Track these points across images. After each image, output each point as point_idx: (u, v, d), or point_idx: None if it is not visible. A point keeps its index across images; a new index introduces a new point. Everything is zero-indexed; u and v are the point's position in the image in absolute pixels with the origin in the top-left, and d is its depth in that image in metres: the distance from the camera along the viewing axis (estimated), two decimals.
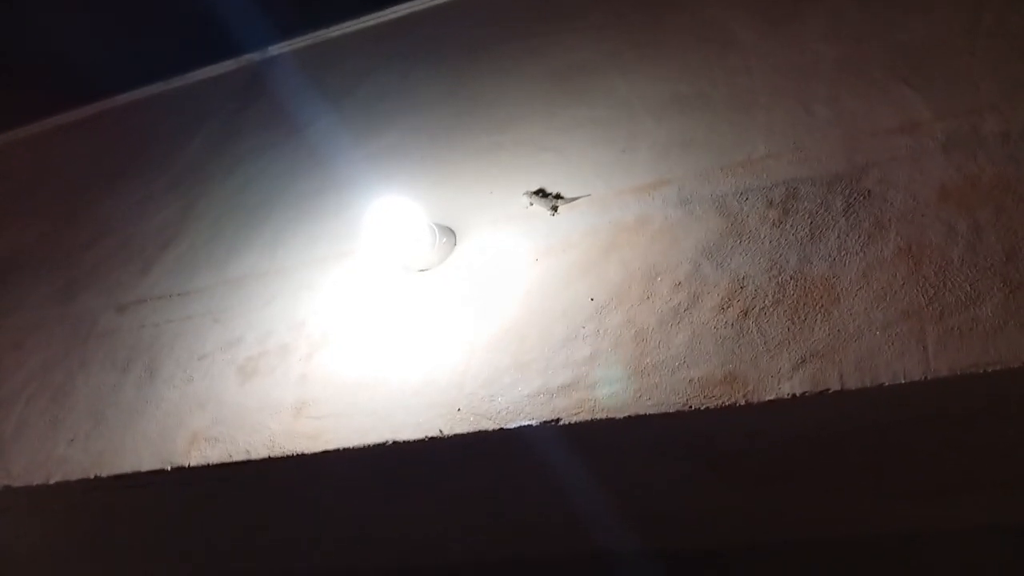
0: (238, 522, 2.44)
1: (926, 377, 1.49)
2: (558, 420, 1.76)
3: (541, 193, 2.28)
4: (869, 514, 1.97)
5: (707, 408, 1.63)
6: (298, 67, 3.65)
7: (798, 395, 1.56)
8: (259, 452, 2.03)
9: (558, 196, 2.25)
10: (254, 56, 3.86)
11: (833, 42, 2.25)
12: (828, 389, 1.55)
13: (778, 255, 1.82)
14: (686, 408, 1.65)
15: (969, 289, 1.58)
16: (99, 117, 4.20)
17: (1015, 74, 1.91)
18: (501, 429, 1.80)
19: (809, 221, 1.85)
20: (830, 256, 1.76)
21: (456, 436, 1.84)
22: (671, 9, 2.68)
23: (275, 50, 3.82)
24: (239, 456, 2.05)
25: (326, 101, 3.26)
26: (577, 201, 2.22)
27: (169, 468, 2.13)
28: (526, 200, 2.28)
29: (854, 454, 1.76)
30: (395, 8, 3.52)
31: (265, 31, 3.83)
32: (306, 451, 1.97)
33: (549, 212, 2.22)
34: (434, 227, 2.26)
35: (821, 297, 1.70)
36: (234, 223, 2.86)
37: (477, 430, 1.83)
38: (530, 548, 2.32)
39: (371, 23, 3.56)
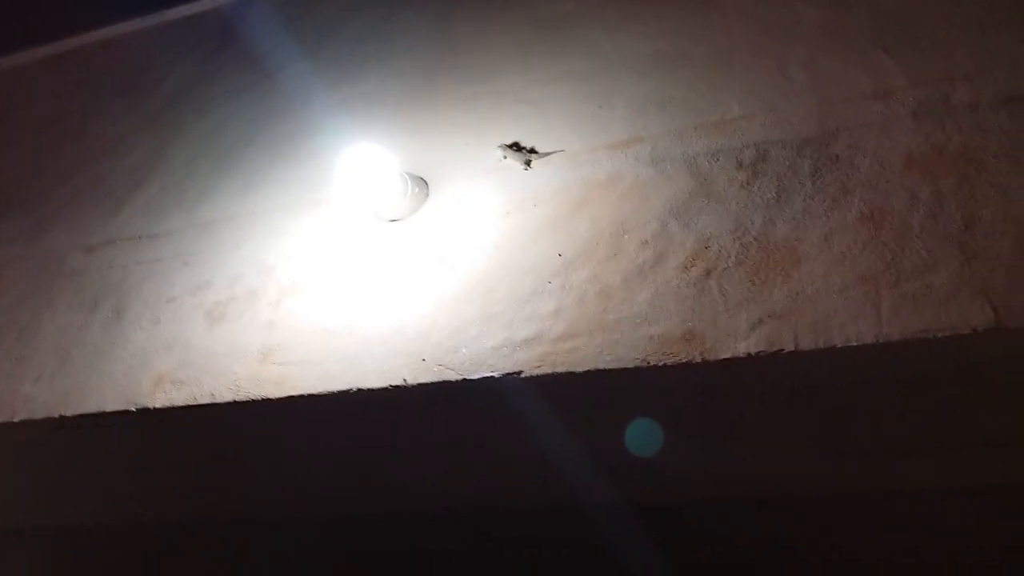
0: (201, 465, 2.46)
1: (878, 340, 1.52)
2: (520, 372, 1.78)
3: (515, 147, 2.27)
4: (825, 473, 2.02)
5: (665, 365, 1.66)
6: (278, 7, 3.56)
7: (753, 354, 1.59)
8: (224, 396, 2.04)
9: (532, 151, 2.25)
10: None
11: (817, 4, 2.24)
12: (782, 349, 1.58)
13: (744, 216, 1.84)
14: (644, 364, 1.68)
15: (926, 256, 1.60)
16: (73, 53, 4.10)
17: (991, 44, 1.92)
18: (464, 380, 1.82)
19: (776, 184, 1.86)
20: (794, 219, 1.78)
21: (420, 385, 1.86)
22: None
23: None
24: (204, 399, 2.06)
25: (304, 43, 3.20)
26: (550, 156, 2.21)
27: (134, 409, 2.14)
28: (500, 153, 2.27)
29: (809, 413, 1.80)
30: None
31: None
32: (271, 396, 1.99)
33: (522, 166, 2.22)
34: (407, 177, 2.25)
35: (783, 259, 1.72)
36: (206, 165, 2.83)
37: (441, 380, 1.85)
38: (495, 498, 2.36)
39: None
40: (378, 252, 2.20)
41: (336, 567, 2.67)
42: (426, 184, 2.32)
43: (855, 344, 1.54)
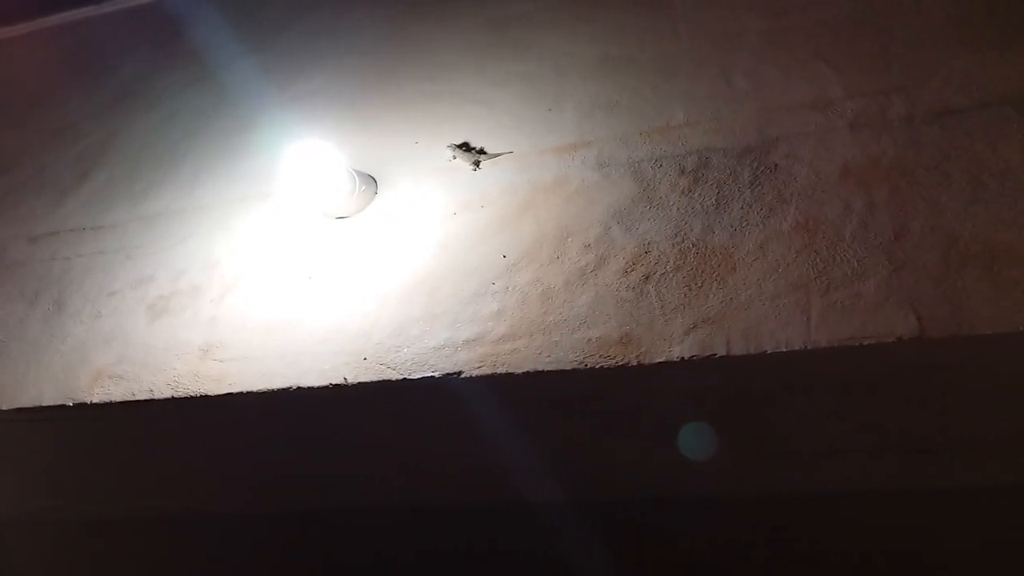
0: (141, 460, 2.43)
1: (806, 347, 1.56)
2: (460, 373, 1.79)
3: (465, 147, 2.28)
4: (758, 474, 2.06)
5: (601, 367, 1.68)
6: (234, 0, 3.53)
7: (686, 358, 1.62)
8: (162, 392, 2.02)
9: (481, 151, 2.26)
10: None
11: (762, 14, 2.27)
12: (715, 354, 1.61)
13: (684, 223, 1.86)
14: (582, 366, 1.70)
15: (856, 265, 1.64)
16: (23, 38, 4.02)
17: (926, 58, 1.97)
18: (404, 380, 1.83)
19: (716, 191, 1.89)
20: (732, 226, 1.81)
21: (360, 384, 1.86)
22: None
23: None
24: (142, 395, 2.04)
25: (259, 36, 3.17)
26: (499, 158, 2.22)
27: (71, 404, 2.10)
28: (449, 153, 2.28)
29: (742, 417, 1.83)
30: None
31: None
32: (209, 393, 1.97)
33: (471, 167, 2.22)
34: (354, 174, 2.25)
35: (719, 266, 1.75)
36: (154, 157, 2.79)
37: (381, 379, 1.85)
38: (437, 498, 2.37)
39: None
40: (324, 249, 2.19)
41: (277, 564, 2.65)
42: (375, 182, 2.31)
43: (784, 350, 1.57)
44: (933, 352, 1.52)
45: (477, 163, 2.23)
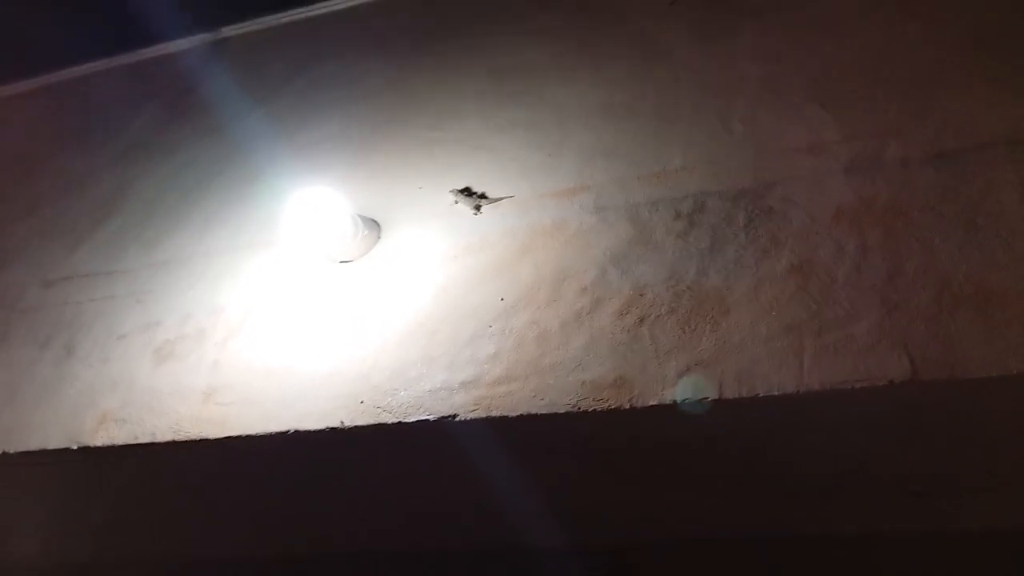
0: (145, 505, 2.44)
1: (799, 390, 1.55)
2: (455, 416, 1.80)
3: (467, 192, 2.32)
4: (752, 516, 2.02)
5: (595, 410, 1.68)
6: (248, 50, 3.64)
7: (679, 402, 1.61)
8: (164, 435, 2.04)
9: (483, 196, 2.29)
10: (206, 36, 3.84)
11: (759, 61, 2.30)
12: (707, 397, 1.60)
13: (679, 265, 1.87)
14: (575, 409, 1.70)
15: (849, 307, 1.64)
16: (46, 90, 4.16)
17: (921, 101, 1.98)
18: (400, 423, 1.84)
19: (711, 234, 1.91)
20: (726, 269, 1.81)
21: (356, 428, 1.87)
22: (613, 20, 2.72)
23: (228, 31, 3.80)
24: (144, 438, 2.06)
25: (271, 87, 3.26)
26: (500, 202, 2.25)
27: (75, 447, 2.13)
28: (452, 198, 2.31)
29: (735, 460, 1.82)
30: None
31: (219, 12, 3.82)
32: (210, 436, 1.99)
33: (472, 211, 2.26)
34: (358, 219, 2.28)
35: (712, 308, 1.75)
36: (167, 205, 2.86)
37: (377, 423, 1.86)
38: (433, 541, 2.35)
39: (322, 11, 3.57)
40: (326, 293, 2.23)
41: None
42: (378, 226, 2.35)
43: (776, 393, 1.56)
44: (926, 395, 1.50)
45: (478, 207, 2.26)
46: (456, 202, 2.31)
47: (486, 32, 2.96)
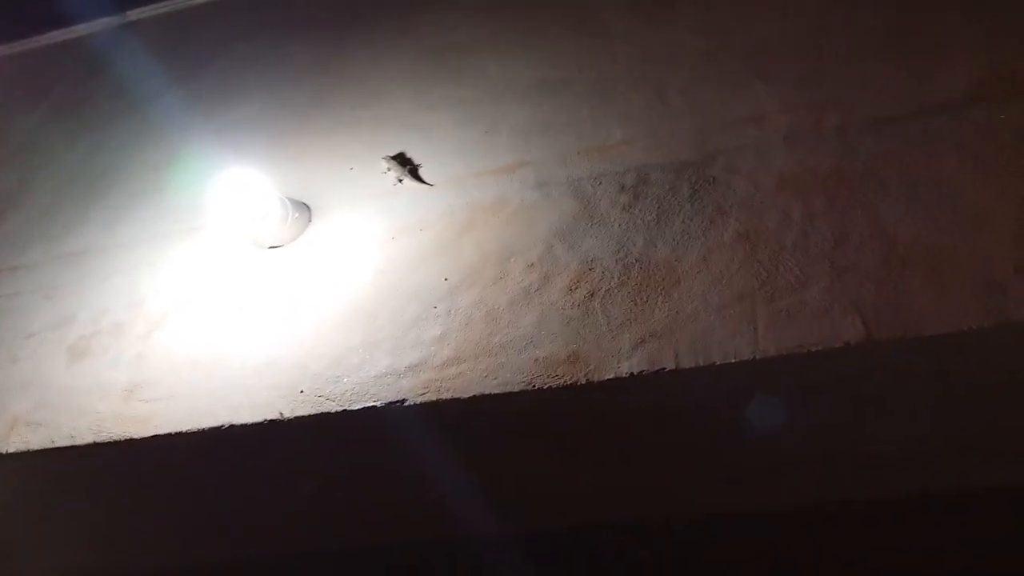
0: (69, 513, 2.27)
1: (755, 356, 1.53)
2: (403, 401, 1.71)
3: (399, 159, 2.24)
4: (714, 494, 2.02)
5: (550, 387, 1.63)
6: (159, 33, 3.43)
7: (636, 374, 1.58)
8: (84, 437, 1.89)
9: (415, 168, 2.21)
10: (111, 20, 3.61)
11: (698, 34, 2.29)
12: (664, 368, 1.57)
13: (626, 238, 1.84)
14: (530, 387, 1.64)
15: (799, 273, 1.63)
16: None
17: (856, 72, 1.99)
18: (345, 411, 1.74)
19: (657, 206, 1.88)
20: (674, 240, 1.79)
21: (297, 419, 1.77)
22: None
23: (134, 15, 3.58)
24: (62, 442, 1.90)
25: (185, 69, 3.08)
26: (436, 180, 2.18)
27: None
28: (384, 164, 2.23)
29: (697, 433, 1.79)
30: None
31: None
32: (135, 436, 1.85)
33: (395, 181, 2.18)
34: (287, 202, 2.17)
35: (663, 279, 1.72)
36: (73, 195, 2.66)
37: (320, 412, 1.76)
38: (389, 534, 2.26)
39: None
40: (255, 280, 2.11)
41: None
42: (308, 209, 2.24)
43: (733, 361, 1.54)
44: (880, 355, 1.50)
45: (401, 180, 2.18)
46: (388, 169, 2.22)
47: (420, 11, 2.86)
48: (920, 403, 1.66)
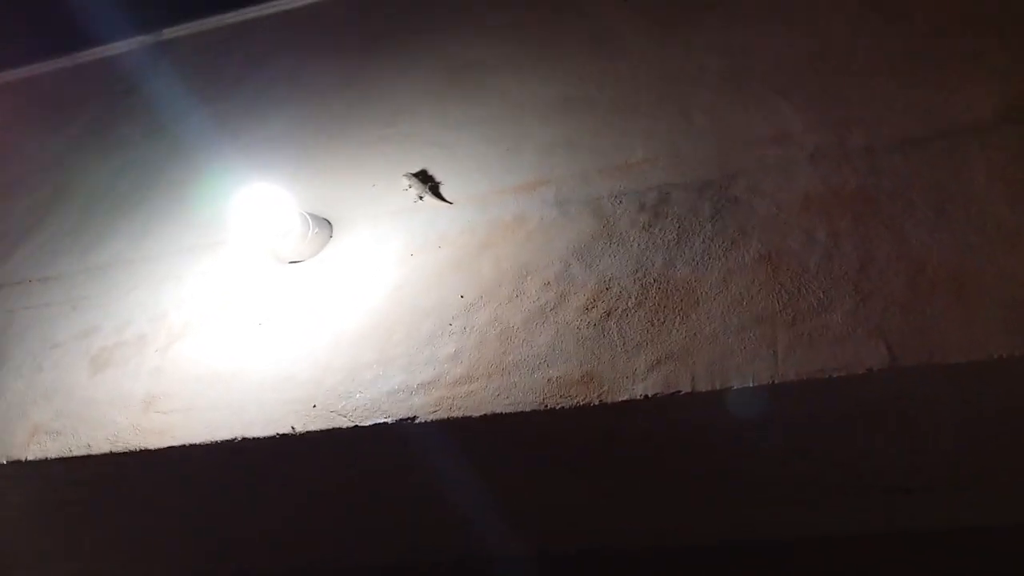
0: (79, 522, 2.28)
1: (773, 381, 1.49)
2: (414, 418, 1.70)
3: (421, 176, 2.24)
4: (731, 520, 1.96)
5: (562, 408, 1.60)
6: (192, 52, 3.50)
7: (650, 396, 1.54)
8: (101, 447, 1.91)
9: (436, 186, 2.21)
10: (147, 39, 3.69)
11: (721, 53, 2.26)
12: (679, 391, 1.53)
13: (645, 258, 1.81)
14: (542, 407, 1.61)
15: (822, 296, 1.59)
16: None
17: (884, 91, 1.95)
18: (356, 427, 1.73)
19: (677, 226, 1.85)
20: (694, 260, 1.75)
21: (308, 433, 1.76)
22: (572, 15, 2.66)
23: (170, 33, 3.66)
24: (79, 451, 1.92)
25: (216, 87, 3.12)
26: (458, 197, 2.17)
27: (5, 461, 1.98)
28: (405, 182, 2.23)
29: (713, 458, 1.75)
30: None
31: (160, 13, 3.68)
32: (150, 447, 1.86)
33: (416, 199, 2.18)
34: (308, 217, 2.17)
35: (681, 300, 1.69)
36: (104, 209, 2.71)
37: (331, 427, 1.75)
38: (394, 555, 2.24)
39: (272, 10, 3.45)
40: (275, 295, 2.11)
41: None
42: (330, 225, 2.25)
43: (751, 385, 1.50)
44: (904, 382, 1.45)
45: (422, 197, 2.18)
46: (409, 186, 2.22)
47: (442, 31, 2.88)
48: (946, 431, 1.60)
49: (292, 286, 2.12)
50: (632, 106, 2.22)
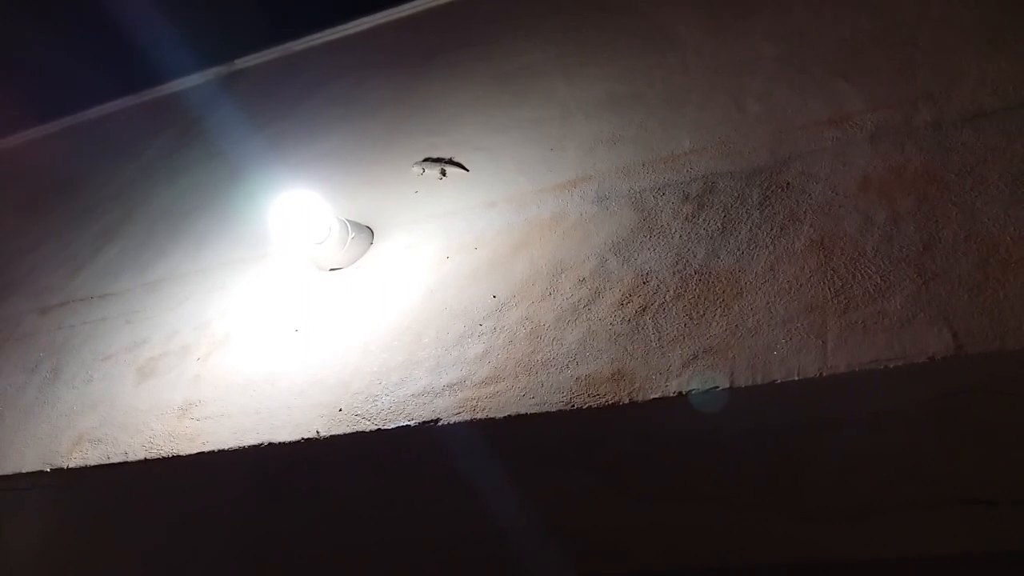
0: (109, 530, 2.28)
1: (821, 373, 1.33)
2: (437, 421, 1.61)
3: (430, 160, 2.21)
4: (784, 538, 1.77)
5: (589, 407, 1.48)
6: (259, 79, 3.60)
7: (684, 393, 1.40)
8: (136, 454, 1.90)
9: (450, 161, 2.17)
10: (221, 69, 3.82)
11: (776, 39, 2.13)
12: (716, 387, 1.39)
13: (686, 249, 1.68)
14: (568, 407, 1.50)
15: (879, 281, 1.42)
16: (70, 130, 4.18)
17: (956, 64, 1.78)
18: (379, 430, 1.66)
19: (722, 215, 1.71)
20: (738, 250, 1.61)
21: (333, 437, 1.69)
22: (623, 13, 2.58)
23: (241, 63, 3.78)
24: (116, 458, 1.92)
25: (279, 110, 3.19)
26: (497, 199, 2.10)
27: (48, 469, 2.00)
28: (417, 169, 2.22)
29: (757, 464, 1.58)
30: (358, 21, 3.47)
31: (233, 45, 3.81)
32: (182, 453, 1.84)
33: (439, 176, 2.15)
34: (347, 225, 2.14)
35: (723, 291, 1.55)
36: (166, 227, 2.77)
37: (355, 431, 1.68)
38: (421, 565, 2.14)
39: (332, 36, 3.52)
40: (313, 301, 2.08)
41: None
42: (371, 232, 2.21)
43: (796, 379, 1.34)
44: (972, 372, 1.27)
45: (444, 172, 2.16)
46: (423, 172, 2.19)
47: (496, 41, 2.84)
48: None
49: (330, 292, 2.08)
50: (682, 99, 2.11)
